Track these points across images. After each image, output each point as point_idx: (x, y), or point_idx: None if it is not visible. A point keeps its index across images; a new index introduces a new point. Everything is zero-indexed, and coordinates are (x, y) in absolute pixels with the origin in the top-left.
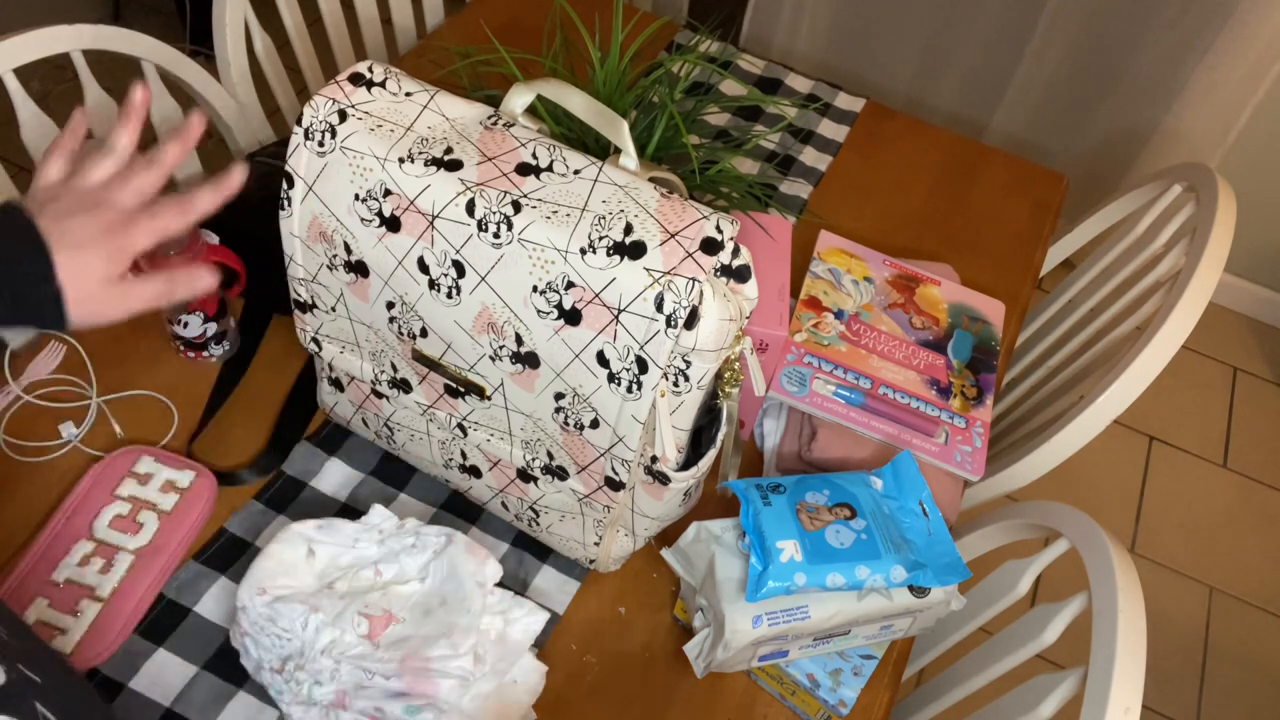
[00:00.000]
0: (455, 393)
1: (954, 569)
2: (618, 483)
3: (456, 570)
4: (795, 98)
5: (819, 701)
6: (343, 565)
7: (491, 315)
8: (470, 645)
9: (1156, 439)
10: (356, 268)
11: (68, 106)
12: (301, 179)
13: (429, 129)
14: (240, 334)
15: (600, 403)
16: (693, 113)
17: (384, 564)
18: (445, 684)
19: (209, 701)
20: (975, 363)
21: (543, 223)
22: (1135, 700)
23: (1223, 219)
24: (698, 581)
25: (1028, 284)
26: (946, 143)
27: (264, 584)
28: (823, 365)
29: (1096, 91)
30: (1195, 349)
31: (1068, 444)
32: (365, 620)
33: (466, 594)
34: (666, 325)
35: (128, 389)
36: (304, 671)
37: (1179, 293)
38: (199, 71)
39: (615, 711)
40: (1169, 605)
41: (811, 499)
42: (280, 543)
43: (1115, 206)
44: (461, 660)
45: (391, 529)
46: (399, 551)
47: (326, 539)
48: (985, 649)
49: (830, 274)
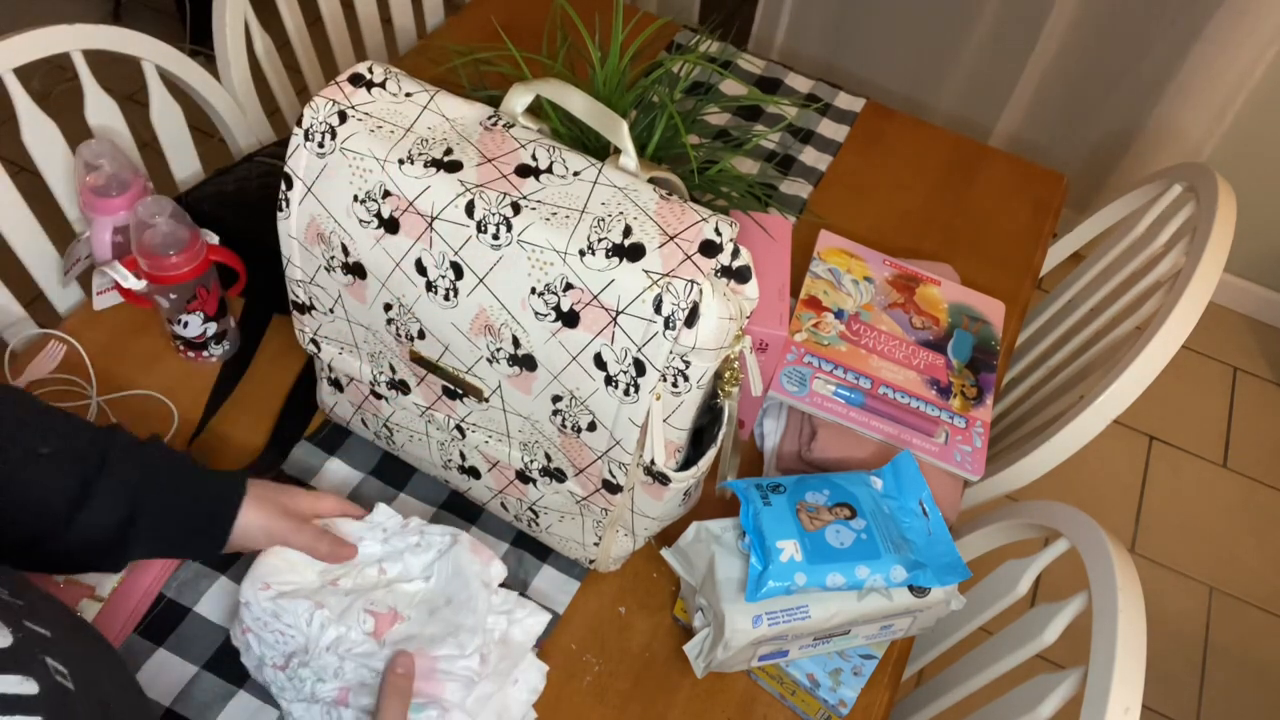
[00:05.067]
0: (453, 394)
1: (954, 569)
2: (615, 485)
3: (462, 570)
4: (795, 97)
5: (819, 701)
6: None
7: (489, 317)
8: (476, 645)
9: (1156, 439)
10: (354, 269)
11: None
12: (300, 180)
13: (429, 130)
14: (240, 334)
15: (597, 405)
16: (693, 113)
17: (388, 562)
18: (450, 684)
19: (209, 701)
20: (975, 363)
21: (542, 224)
22: (1135, 700)
23: (1223, 219)
24: (698, 581)
25: (1028, 284)
26: (946, 143)
27: (267, 579)
28: (823, 365)
29: (1097, 91)
30: (1195, 349)
31: (1068, 444)
32: (371, 617)
33: (472, 594)
34: (665, 327)
35: (128, 389)
36: (308, 668)
37: (1179, 293)
38: (199, 71)
39: (615, 711)
40: (1169, 605)
41: (811, 499)
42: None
43: (1115, 206)
44: (468, 660)
45: (396, 527)
46: (403, 550)
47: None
48: (985, 649)
49: (830, 274)
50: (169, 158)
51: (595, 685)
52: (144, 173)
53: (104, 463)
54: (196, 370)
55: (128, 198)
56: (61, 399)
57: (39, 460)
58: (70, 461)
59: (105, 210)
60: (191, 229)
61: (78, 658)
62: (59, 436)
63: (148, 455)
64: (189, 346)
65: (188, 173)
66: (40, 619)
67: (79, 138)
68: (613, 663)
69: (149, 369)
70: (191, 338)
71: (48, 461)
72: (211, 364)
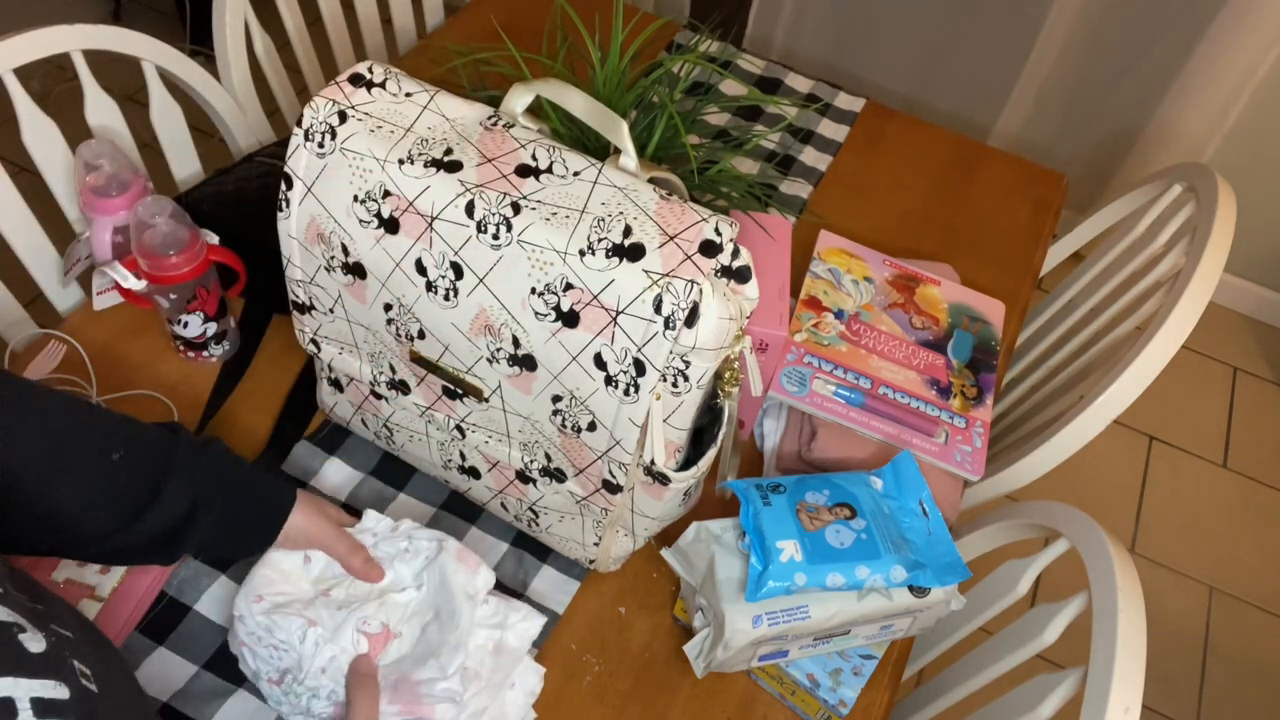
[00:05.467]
0: (453, 395)
1: (954, 569)
2: (615, 485)
3: (447, 580)
4: (795, 97)
5: (819, 701)
6: (339, 572)
7: (489, 317)
8: (458, 664)
9: (1156, 439)
10: (354, 269)
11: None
12: (300, 180)
13: (429, 130)
14: (240, 334)
15: (597, 405)
16: (693, 113)
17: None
18: (440, 706)
19: (208, 699)
20: (975, 363)
21: (542, 224)
22: (1135, 700)
23: (1223, 219)
24: (698, 581)
25: (1028, 284)
26: (946, 142)
27: (260, 591)
28: (823, 365)
29: (1098, 92)
30: (1195, 349)
31: (1068, 444)
32: (364, 639)
33: (456, 608)
34: (665, 327)
35: (128, 389)
36: (302, 685)
37: (1179, 293)
38: (199, 71)
39: (615, 711)
40: (1169, 605)
41: (811, 499)
42: (277, 550)
43: (1115, 206)
44: (448, 683)
45: (385, 531)
46: (394, 556)
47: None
48: (985, 649)
49: (830, 274)
50: (169, 158)
51: (595, 685)
52: (144, 173)
53: (171, 465)
54: (196, 370)
55: (128, 198)
56: None
57: (112, 464)
58: (141, 463)
59: (105, 210)
60: (191, 229)
61: (96, 659)
62: (125, 440)
63: (212, 458)
64: (189, 346)
65: (188, 173)
66: (62, 622)
67: (79, 138)
68: (613, 663)
69: (149, 369)
70: (191, 338)
71: (119, 466)
72: (211, 364)
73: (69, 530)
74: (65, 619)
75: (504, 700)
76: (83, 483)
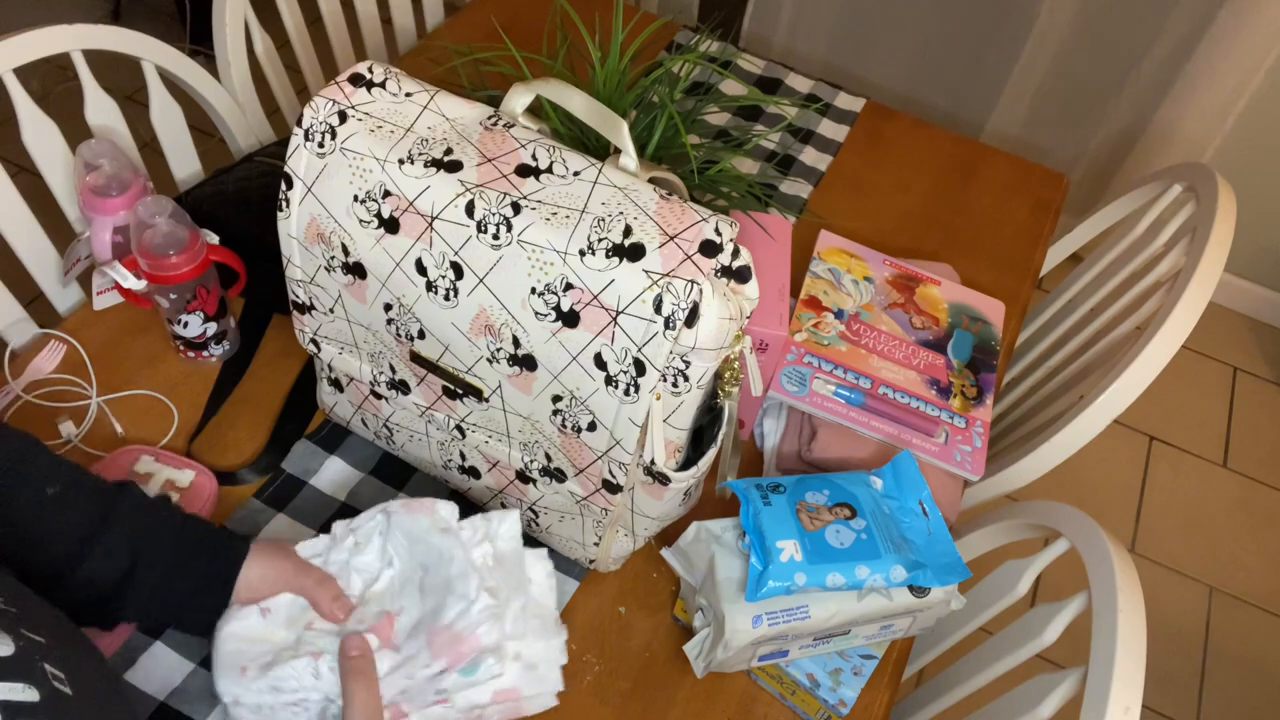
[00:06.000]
0: (453, 394)
1: (954, 569)
2: (615, 485)
3: (414, 535)
4: (795, 97)
5: (819, 701)
6: (303, 604)
7: (489, 317)
8: (477, 585)
9: (1156, 439)
10: (354, 269)
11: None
12: (300, 180)
13: (429, 130)
14: (240, 334)
15: (597, 405)
16: (693, 113)
17: (342, 581)
18: (480, 629)
19: (204, 697)
20: (975, 363)
21: (542, 224)
22: (1135, 700)
23: (1223, 219)
24: (698, 581)
25: (1028, 284)
26: (946, 142)
27: (240, 664)
28: (823, 365)
29: (1098, 93)
30: (1195, 349)
31: (1068, 444)
32: (372, 635)
33: (438, 549)
34: (665, 327)
35: (128, 389)
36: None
37: (1179, 293)
38: (199, 71)
39: (615, 711)
40: (1169, 605)
41: (811, 499)
42: (227, 623)
43: (1115, 206)
44: (479, 604)
45: (323, 548)
46: (346, 561)
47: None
48: (985, 649)
49: (830, 274)
50: (169, 158)
51: (595, 685)
52: (144, 173)
53: (112, 513)
54: (196, 370)
55: (128, 198)
56: (61, 399)
57: (46, 498)
58: (76, 506)
59: (105, 210)
60: (191, 229)
61: (72, 662)
62: (62, 479)
63: (156, 514)
64: (189, 346)
65: (188, 173)
66: (35, 625)
67: (79, 138)
68: (613, 663)
69: (149, 369)
70: (191, 338)
71: (54, 501)
72: (211, 364)
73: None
74: (39, 621)
75: (530, 596)
76: (14, 519)
